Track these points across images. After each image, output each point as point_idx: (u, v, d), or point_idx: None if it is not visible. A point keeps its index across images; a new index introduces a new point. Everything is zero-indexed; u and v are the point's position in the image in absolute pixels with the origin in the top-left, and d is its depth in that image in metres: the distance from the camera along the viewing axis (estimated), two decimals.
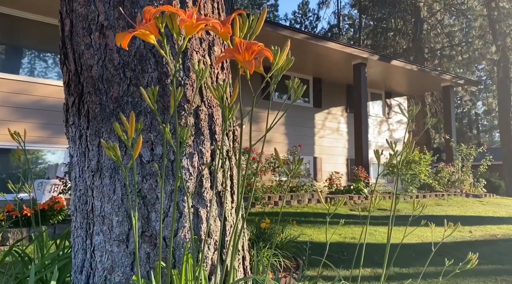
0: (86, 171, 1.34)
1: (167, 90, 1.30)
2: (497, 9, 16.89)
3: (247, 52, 0.69)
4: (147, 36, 0.74)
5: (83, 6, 1.35)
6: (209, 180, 1.34)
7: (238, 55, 0.70)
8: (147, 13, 0.73)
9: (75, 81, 1.38)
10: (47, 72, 7.33)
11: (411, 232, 5.89)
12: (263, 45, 0.70)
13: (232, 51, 0.71)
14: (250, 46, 0.69)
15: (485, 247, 5.07)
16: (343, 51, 9.19)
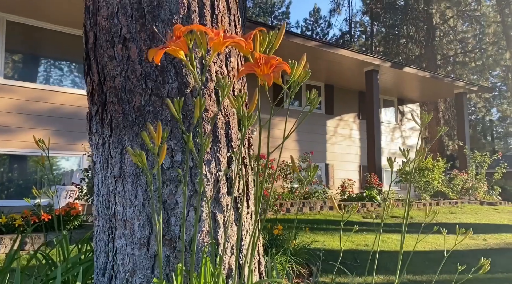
0: (108, 177, 1.40)
1: (187, 100, 1.35)
2: (511, 16, 16.76)
3: (266, 66, 0.74)
4: (177, 52, 0.79)
5: (106, 20, 1.42)
6: (226, 185, 1.39)
7: (258, 69, 0.75)
8: (177, 30, 0.78)
9: (98, 91, 1.45)
10: (62, 80, 7.50)
11: (424, 239, 5.86)
12: (281, 59, 0.75)
13: (252, 65, 0.76)
14: (269, 60, 0.74)
15: (500, 255, 5.01)
16: (355, 58, 9.22)
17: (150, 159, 1.33)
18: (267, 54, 0.79)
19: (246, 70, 0.76)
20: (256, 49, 0.79)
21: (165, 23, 1.37)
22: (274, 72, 0.72)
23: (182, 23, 1.38)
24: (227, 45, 0.78)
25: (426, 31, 20.51)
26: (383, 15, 23.38)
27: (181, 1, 1.38)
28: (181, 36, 0.77)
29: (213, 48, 0.78)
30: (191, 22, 1.39)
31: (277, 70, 0.73)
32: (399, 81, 11.75)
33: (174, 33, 0.79)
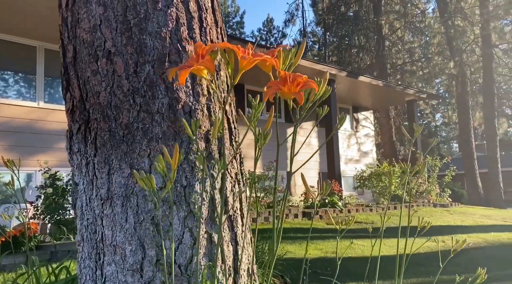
0: (94, 199, 1.31)
1: (178, 116, 1.30)
2: (453, 27, 17.85)
3: (292, 84, 0.72)
4: (201, 71, 0.75)
5: (88, 33, 1.34)
6: (220, 204, 1.34)
7: (284, 88, 0.72)
8: (199, 48, 0.74)
9: (80, 108, 1.36)
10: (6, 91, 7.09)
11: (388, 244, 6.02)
12: (307, 77, 0.73)
13: (277, 83, 0.73)
14: (295, 78, 0.72)
15: (459, 255, 5.25)
16: (313, 68, 9.41)
17: None
18: (288, 71, 0.77)
19: (273, 90, 0.73)
20: (279, 66, 0.76)
21: (153, 36, 1.31)
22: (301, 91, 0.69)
23: (170, 36, 1.33)
24: (255, 63, 0.75)
25: (376, 41, 21.38)
26: (335, 26, 24.13)
27: (169, 13, 1.33)
28: (204, 54, 0.72)
29: (242, 67, 0.74)
30: (180, 35, 1.34)
31: (305, 89, 0.71)
32: (354, 90, 12.13)
33: (197, 51, 0.74)
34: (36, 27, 6.89)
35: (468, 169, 18.67)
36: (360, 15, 22.85)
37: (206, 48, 0.74)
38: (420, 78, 23.35)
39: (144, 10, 1.32)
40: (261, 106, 0.86)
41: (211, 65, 0.74)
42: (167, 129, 1.28)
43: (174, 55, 1.32)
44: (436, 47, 20.40)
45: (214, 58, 0.75)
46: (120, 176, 1.27)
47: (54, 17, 7.17)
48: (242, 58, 0.71)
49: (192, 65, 0.74)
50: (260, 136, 0.89)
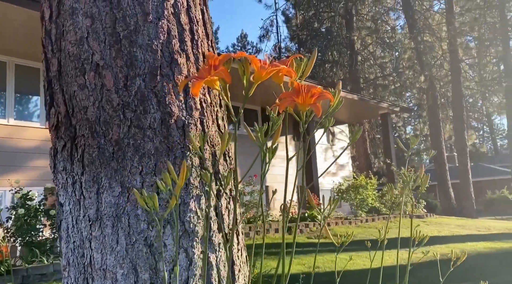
0: (81, 221, 1.23)
1: (171, 130, 1.25)
2: (422, 43, 18.49)
3: (306, 95, 0.69)
4: (214, 82, 0.71)
5: (74, 46, 1.28)
6: (216, 222, 1.29)
7: (297, 99, 0.69)
8: (210, 58, 0.70)
9: (65, 124, 1.29)
10: None
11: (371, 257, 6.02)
12: (321, 88, 0.70)
13: (290, 95, 0.70)
14: (310, 89, 0.69)
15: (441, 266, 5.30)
16: None
17: (132, 198, 1.19)
18: None
19: (287, 102, 0.70)
20: (294, 77, 0.73)
21: (144, 48, 1.27)
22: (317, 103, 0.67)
23: (162, 48, 1.28)
24: (271, 74, 0.72)
25: (349, 57, 21.88)
26: (309, 41, 24.57)
27: (160, 25, 1.29)
28: (217, 65, 0.69)
29: (257, 77, 0.71)
30: (171, 48, 1.30)
31: (320, 100, 0.68)
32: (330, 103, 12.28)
33: (208, 62, 0.71)
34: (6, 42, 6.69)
35: (441, 180, 19.13)
36: (332, 31, 23.38)
37: (220, 58, 0.70)
38: (392, 92, 23.95)
39: (134, 22, 1.28)
40: (280, 120, 0.82)
41: (227, 76, 0.71)
42: (160, 145, 1.23)
43: (166, 68, 1.28)
44: (407, 61, 21.02)
45: (228, 68, 0.72)
46: (110, 195, 1.20)
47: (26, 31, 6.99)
48: (261, 68, 0.68)
49: (203, 76, 0.70)
50: (268, 151, 0.85)
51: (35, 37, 7.10)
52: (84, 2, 1.29)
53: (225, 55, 0.71)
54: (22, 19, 6.05)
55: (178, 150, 1.24)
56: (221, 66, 0.70)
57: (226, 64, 0.71)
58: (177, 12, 1.34)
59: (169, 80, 1.27)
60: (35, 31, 6.93)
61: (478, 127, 45.75)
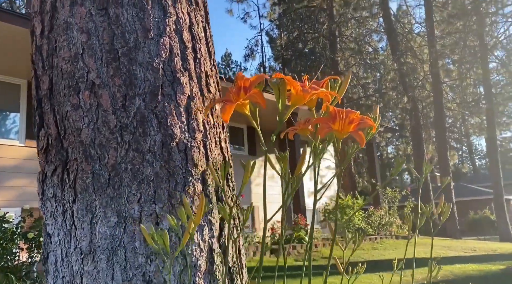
0: (73, 254, 1.12)
1: (173, 154, 1.15)
2: (406, 64, 18.88)
3: (344, 121, 0.62)
4: (244, 107, 0.63)
5: (68, 63, 1.19)
6: (219, 254, 1.19)
7: (334, 125, 0.62)
8: (240, 79, 0.62)
9: (56, 147, 1.18)
10: None
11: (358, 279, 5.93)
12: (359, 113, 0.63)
13: (327, 121, 0.63)
14: (348, 115, 0.62)
15: None
16: None
17: (131, 228, 1.09)
18: None
19: (326, 129, 0.62)
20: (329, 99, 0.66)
21: (144, 67, 1.18)
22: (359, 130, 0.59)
23: (163, 66, 1.20)
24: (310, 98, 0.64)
25: None
26: (293, 61, 24.85)
27: (162, 43, 1.22)
28: (248, 87, 0.61)
29: (295, 101, 0.63)
30: (173, 66, 1.22)
31: (362, 127, 0.61)
32: None
33: (237, 84, 0.63)
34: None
35: (424, 200, 19.26)
36: (316, 51, 23.72)
37: (252, 80, 0.62)
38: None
39: (134, 39, 1.20)
40: (323, 150, 0.74)
41: (262, 100, 0.63)
42: (160, 170, 1.14)
43: (167, 87, 1.20)
44: (390, 82, 21.39)
45: (260, 90, 0.64)
46: (105, 226, 1.09)
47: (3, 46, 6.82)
48: (304, 91, 0.61)
49: (230, 99, 0.62)
50: (293, 180, 0.77)
51: (14, 51, 6.93)
52: (80, 17, 1.21)
53: (258, 77, 0.63)
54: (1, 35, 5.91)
55: (179, 175, 1.15)
56: (254, 88, 0.62)
57: (258, 87, 0.63)
58: (179, 29, 1.27)
59: (171, 100, 1.19)
60: (14, 45, 6.77)
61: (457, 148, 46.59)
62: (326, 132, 0.63)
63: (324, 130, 0.63)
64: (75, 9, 1.22)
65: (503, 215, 19.34)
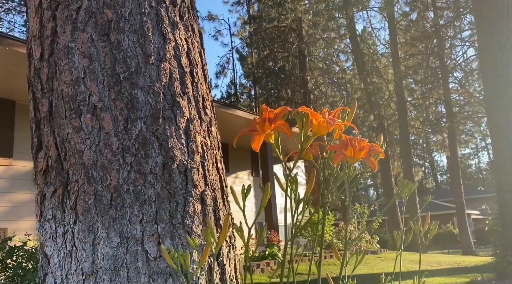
0: (73, 275, 1.13)
1: (174, 175, 1.19)
2: (372, 84, 19.56)
3: (355, 149, 0.69)
4: (269, 137, 0.69)
5: (69, 86, 1.22)
6: (219, 272, 1.23)
7: (346, 152, 0.69)
8: (265, 111, 0.68)
9: (57, 169, 1.20)
10: None
11: None
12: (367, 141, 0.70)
13: (339, 148, 0.69)
14: (358, 143, 0.69)
15: None
16: (250, 118, 9.60)
17: (134, 249, 1.11)
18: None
19: (341, 156, 0.69)
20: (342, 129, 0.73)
21: (145, 91, 1.23)
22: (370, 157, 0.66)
23: (164, 91, 1.25)
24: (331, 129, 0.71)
25: (302, 95, 22.60)
26: (264, 79, 25.21)
27: (162, 68, 1.27)
28: (273, 118, 0.67)
29: (317, 132, 0.69)
30: (173, 90, 1.27)
31: (371, 154, 0.68)
32: (287, 140, 12.52)
33: (262, 115, 0.69)
34: None
35: (391, 215, 19.74)
36: (286, 70, 24.19)
37: (276, 112, 0.68)
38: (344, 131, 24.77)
39: (136, 64, 1.24)
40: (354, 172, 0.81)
41: (288, 131, 0.69)
42: (161, 191, 1.17)
43: (167, 111, 1.24)
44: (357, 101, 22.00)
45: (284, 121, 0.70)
46: (107, 246, 1.11)
47: None
48: (328, 123, 0.67)
49: (255, 129, 0.68)
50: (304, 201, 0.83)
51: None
52: (81, 42, 1.24)
53: (282, 109, 0.69)
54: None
55: (180, 196, 1.19)
56: (279, 120, 0.68)
57: (282, 118, 0.70)
58: (178, 54, 1.32)
59: (171, 123, 1.24)
60: None
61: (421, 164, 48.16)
62: (341, 159, 0.70)
63: (340, 157, 0.70)
64: (76, 34, 1.25)
65: (465, 229, 20.07)
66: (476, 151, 49.28)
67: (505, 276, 6.76)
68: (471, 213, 29.31)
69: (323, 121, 0.67)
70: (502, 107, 7.27)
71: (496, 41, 7.41)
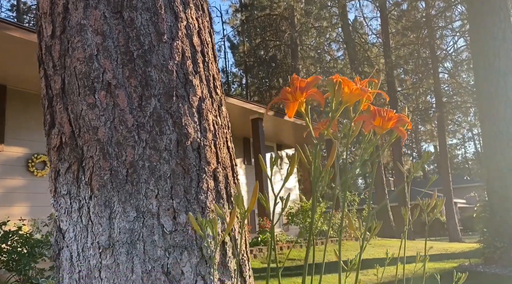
0: (89, 248, 1.15)
1: (188, 152, 1.22)
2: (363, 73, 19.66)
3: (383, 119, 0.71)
4: (301, 105, 0.71)
5: (83, 63, 1.22)
6: (231, 247, 1.26)
7: (375, 122, 0.71)
8: (296, 80, 0.70)
9: (71, 145, 1.21)
10: None
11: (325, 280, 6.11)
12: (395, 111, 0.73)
13: (368, 118, 0.72)
14: (386, 113, 0.72)
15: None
16: (243, 106, 9.61)
17: (150, 223, 1.14)
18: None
19: (369, 126, 0.72)
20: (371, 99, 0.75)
21: (159, 69, 1.24)
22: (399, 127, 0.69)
23: (177, 69, 1.26)
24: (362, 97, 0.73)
25: None
26: (256, 68, 25.14)
27: (175, 46, 1.28)
28: (305, 87, 0.69)
29: (347, 101, 0.72)
30: (186, 69, 1.28)
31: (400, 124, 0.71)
32: (279, 128, 12.56)
33: (293, 83, 0.71)
34: None
35: (379, 203, 20.02)
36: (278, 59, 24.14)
37: (308, 81, 0.71)
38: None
39: (149, 42, 1.25)
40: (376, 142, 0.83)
41: (321, 97, 0.71)
42: (176, 167, 1.19)
43: (181, 89, 1.26)
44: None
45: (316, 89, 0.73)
46: (124, 220, 1.13)
47: None
48: (362, 90, 0.70)
49: (287, 98, 0.70)
50: (325, 173, 0.86)
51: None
52: (94, 19, 1.25)
53: (314, 78, 0.72)
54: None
55: (194, 172, 1.21)
56: (312, 88, 0.71)
57: (315, 87, 0.72)
58: (190, 33, 1.34)
59: (185, 101, 1.25)
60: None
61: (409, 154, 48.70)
62: (370, 128, 0.73)
63: (369, 126, 0.72)
64: (88, 11, 1.25)
65: (453, 217, 20.46)
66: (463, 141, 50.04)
67: (492, 261, 6.94)
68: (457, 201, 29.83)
69: (356, 88, 0.70)
70: (492, 96, 7.38)
71: (488, 31, 7.49)
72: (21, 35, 5.67)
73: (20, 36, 5.67)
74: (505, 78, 7.18)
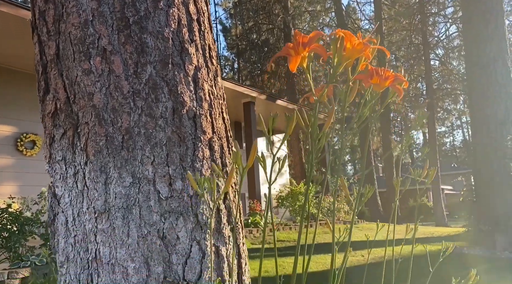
0: (85, 213, 1.15)
1: (183, 120, 1.22)
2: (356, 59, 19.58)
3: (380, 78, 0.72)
4: (304, 60, 0.71)
5: (77, 28, 1.21)
6: (226, 214, 1.28)
7: (373, 81, 0.72)
8: (298, 35, 0.70)
9: (66, 111, 1.21)
10: None
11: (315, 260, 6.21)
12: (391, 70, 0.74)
13: (365, 77, 0.73)
14: (384, 72, 0.73)
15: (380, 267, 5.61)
16: (235, 90, 9.57)
17: (146, 188, 1.14)
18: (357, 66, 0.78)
19: (368, 83, 0.73)
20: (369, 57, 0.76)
21: (154, 36, 1.23)
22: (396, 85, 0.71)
23: (173, 36, 1.26)
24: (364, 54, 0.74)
25: (286, 69, 22.52)
26: (248, 52, 24.95)
27: (171, 13, 1.27)
28: (307, 42, 0.70)
29: (350, 56, 0.72)
30: (182, 37, 1.28)
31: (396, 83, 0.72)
32: (271, 112, 12.54)
33: (296, 39, 0.71)
34: None
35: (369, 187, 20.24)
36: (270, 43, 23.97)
37: (311, 36, 0.71)
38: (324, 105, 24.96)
39: (145, 8, 1.24)
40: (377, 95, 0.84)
41: (324, 52, 0.72)
42: (172, 135, 1.20)
43: (176, 57, 1.25)
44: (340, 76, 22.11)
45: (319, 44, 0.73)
46: (119, 186, 1.14)
47: None
48: (365, 45, 0.70)
49: (289, 53, 0.70)
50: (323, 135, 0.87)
51: None
52: None
53: (316, 33, 0.72)
54: None
55: (189, 140, 1.22)
56: (315, 43, 0.71)
57: (317, 41, 0.72)
58: (186, 1, 1.32)
59: (180, 69, 1.25)
60: None
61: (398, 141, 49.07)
62: (368, 85, 0.74)
63: (367, 84, 0.74)
64: None
65: (439, 203, 20.82)
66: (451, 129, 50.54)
67: (477, 243, 7.12)
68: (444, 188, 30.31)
69: (358, 43, 0.70)
70: (482, 83, 7.46)
71: (480, 17, 7.51)
72: (10, 11, 5.54)
73: (9, 11, 5.54)
74: (495, 64, 7.24)
